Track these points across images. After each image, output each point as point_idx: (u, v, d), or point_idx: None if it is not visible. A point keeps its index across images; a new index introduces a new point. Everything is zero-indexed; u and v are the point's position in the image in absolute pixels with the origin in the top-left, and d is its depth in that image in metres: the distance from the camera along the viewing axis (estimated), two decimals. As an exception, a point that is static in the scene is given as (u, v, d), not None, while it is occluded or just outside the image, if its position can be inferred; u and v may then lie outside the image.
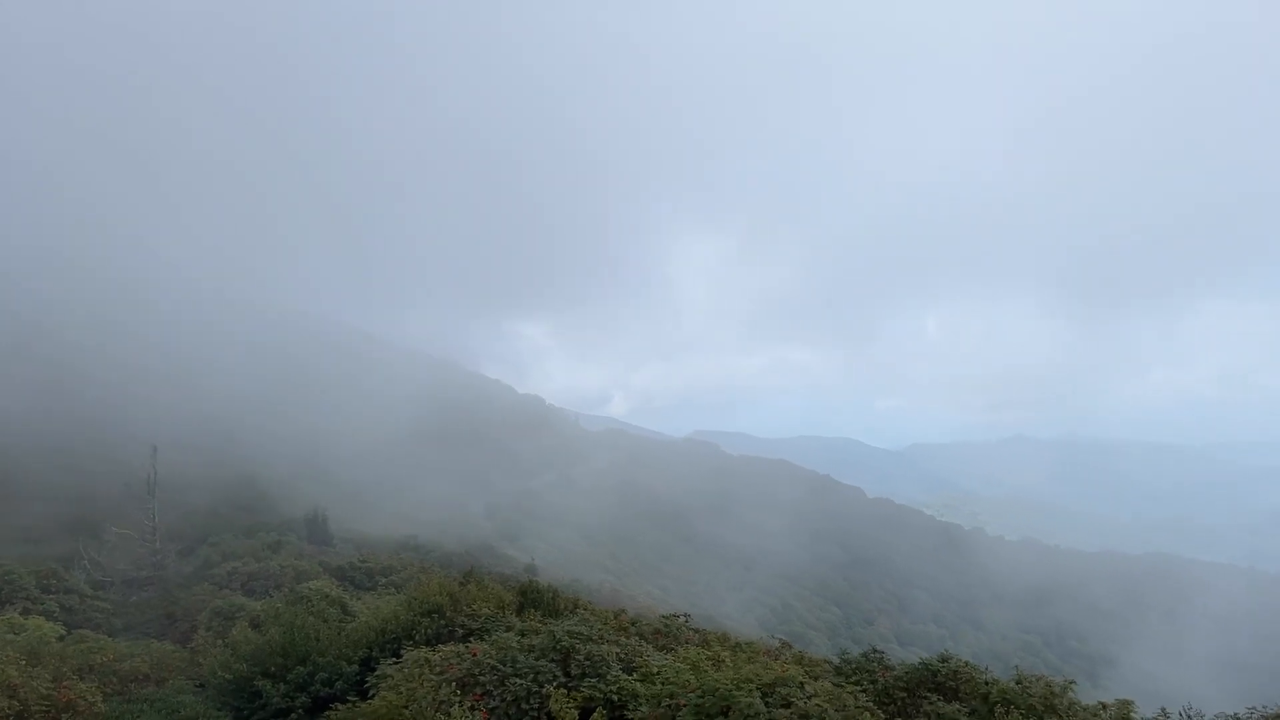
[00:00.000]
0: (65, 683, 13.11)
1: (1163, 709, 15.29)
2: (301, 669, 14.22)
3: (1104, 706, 14.92)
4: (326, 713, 11.87)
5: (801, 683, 10.74)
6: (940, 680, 14.06)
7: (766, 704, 9.97)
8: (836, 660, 16.15)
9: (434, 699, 10.75)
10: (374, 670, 13.10)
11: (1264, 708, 12.45)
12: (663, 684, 10.98)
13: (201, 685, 15.60)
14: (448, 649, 12.93)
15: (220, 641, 18.50)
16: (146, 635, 23.82)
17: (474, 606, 15.97)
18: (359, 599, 25.38)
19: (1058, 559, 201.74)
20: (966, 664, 14.62)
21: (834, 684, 11.88)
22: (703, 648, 14.72)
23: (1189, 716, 14.97)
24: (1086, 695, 17.70)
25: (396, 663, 12.66)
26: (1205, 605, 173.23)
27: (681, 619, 19.04)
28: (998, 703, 12.75)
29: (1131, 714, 14.37)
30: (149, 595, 32.82)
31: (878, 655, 15.53)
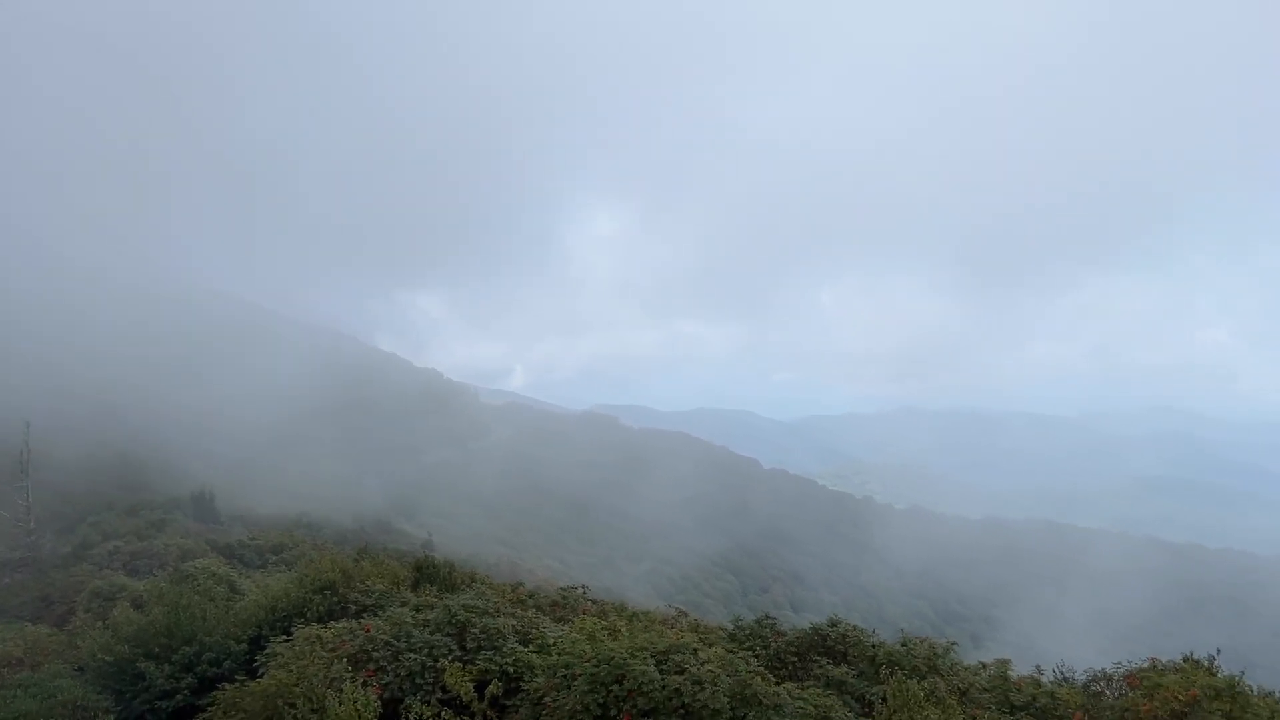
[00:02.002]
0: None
1: (1037, 666, 16.09)
2: (187, 649, 13.83)
3: (984, 666, 15.62)
4: (213, 693, 11.60)
5: (695, 649, 10.90)
6: (830, 644, 14.51)
7: (661, 671, 10.10)
8: (731, 627, 16.48)
9: (325, 676, 10.58)
10: (264, 649, 12.83)
11: (1129, 662, 13.15)
12: (559, 655, 11.03)
13: (80, 669, 15.03)
14: (340, 625, 12.74)
15: (100, 623, 17.86)
16: (20, 619, 22.93)
17: (368, 582, 15.74)
18: (248, 577, 24.82)
19: (944, 526, 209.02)
20: (855, 628, 15.10)
21: (727, 650, 12.11)
22: (599, 618, 14.82)
23: (1062, 673, 15.82)
24: (969, 656, 18.49)
25: (287, 640, 12.42)
26: (1080, 568, 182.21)
27: (579, 591, 19.13)
28: (884, 664, 13.20)
29: (1008, 672, 15.08)
30: (23, 577, 31.57)
31: (770, 621, 15.91)
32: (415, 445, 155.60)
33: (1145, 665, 13.00)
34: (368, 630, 12.02)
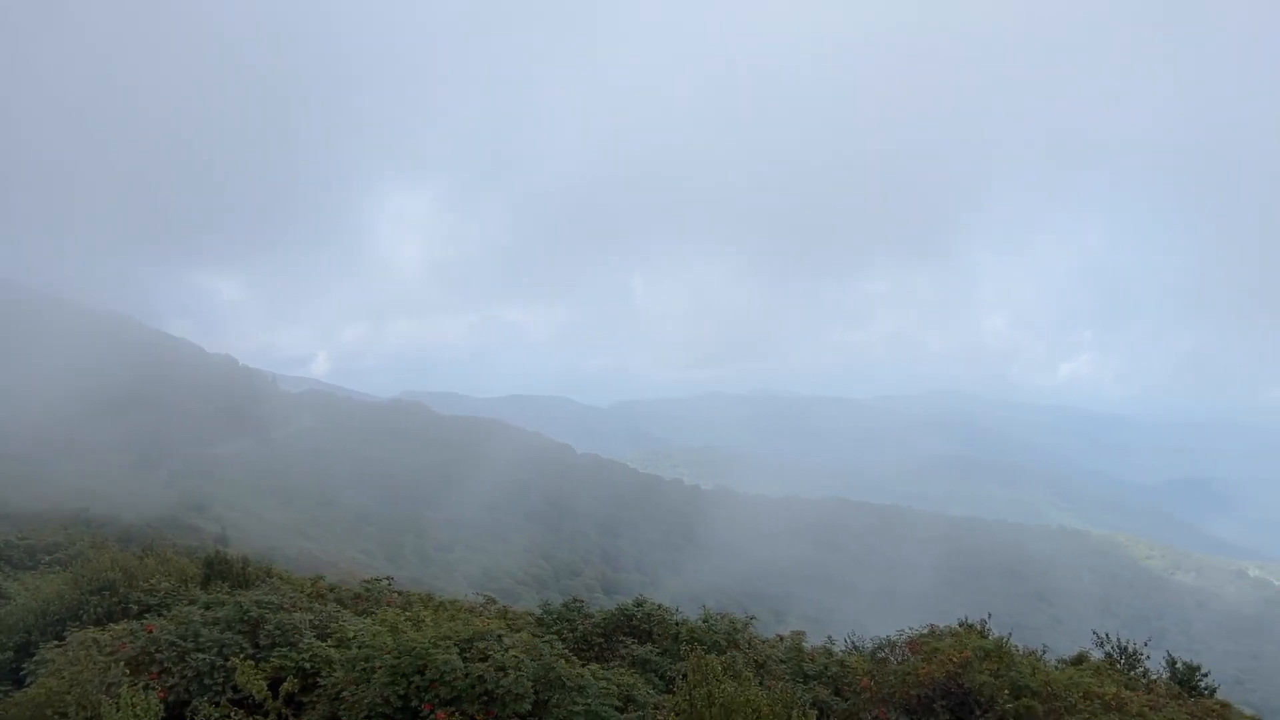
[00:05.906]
0: None
1: (829, 637, 17.09)
2: (-59, 662, 12.70)
3: (780, 639, 16.44)
4: (-29, 707, 10.71)
5: (500, 636, 10.91)
6: (635, 624, 14.85)
7: (464, 659, 10.06)
8: (539, 612, 16.59)
9: (102, 681, 9.94)
10: (33, 656, 11.93)
11: (912, 629, 14.17)
12: (359, 648, 10.77)
13: None
14: (120, 627, 11.99)
15: None
16: None
17: (152, 581, 14.88)
18: (16, 580, 22.89)
19: (748, 505, 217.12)
20: (660, 607, 15.52)
21: (534, 635, 12.17)
22: (403, 609, 14.58)
23: (852, 642, 16.86)
24: (769, 630, 19.34)
25: (59, 645, 11.59)
26: (873, 543, 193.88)
27: (384, 582, 18.79)
28: (686, 641, 13.64)
29: (803, 644, 15.92)
30: None
31: (578, 604, 16.12)
32: (207, 436, 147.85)
33: (925, 631, 14.10)
34: (150, 630, 11.36)
